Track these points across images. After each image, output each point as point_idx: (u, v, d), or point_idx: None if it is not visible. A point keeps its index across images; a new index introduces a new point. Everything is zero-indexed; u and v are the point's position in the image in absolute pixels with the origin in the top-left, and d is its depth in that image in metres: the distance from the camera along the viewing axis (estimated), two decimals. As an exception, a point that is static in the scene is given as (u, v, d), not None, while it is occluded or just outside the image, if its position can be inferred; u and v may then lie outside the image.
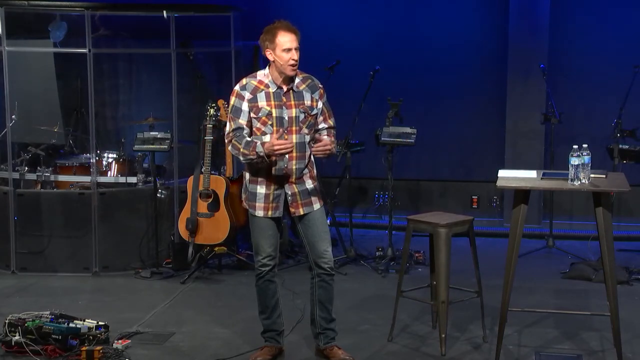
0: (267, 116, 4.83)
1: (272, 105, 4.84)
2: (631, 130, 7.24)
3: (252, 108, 4.84)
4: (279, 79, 4.88)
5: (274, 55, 4.82)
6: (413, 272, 6.92)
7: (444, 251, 5.14)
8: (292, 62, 4.81)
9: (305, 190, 4.95)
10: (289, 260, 7.37)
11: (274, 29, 4.86)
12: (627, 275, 6.63)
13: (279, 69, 4.84)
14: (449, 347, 5.17)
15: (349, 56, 8.15)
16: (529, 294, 6.14)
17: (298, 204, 4.93)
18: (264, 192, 4.88)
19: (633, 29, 8.19)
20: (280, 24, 4.90)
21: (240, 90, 4.88)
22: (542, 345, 5.26)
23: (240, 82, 4.95)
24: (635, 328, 5.48)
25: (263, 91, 4.86)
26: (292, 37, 4.84)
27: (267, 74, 4.90)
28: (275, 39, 4.82)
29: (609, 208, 4.83)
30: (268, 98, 4.85)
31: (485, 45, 8.66)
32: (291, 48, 4.81)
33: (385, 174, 7.28)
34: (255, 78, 4.92)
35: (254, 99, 4.84)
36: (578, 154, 4.76)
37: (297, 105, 4.88)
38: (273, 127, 4.82)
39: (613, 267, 4.84)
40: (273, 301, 5.07)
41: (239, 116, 4.85)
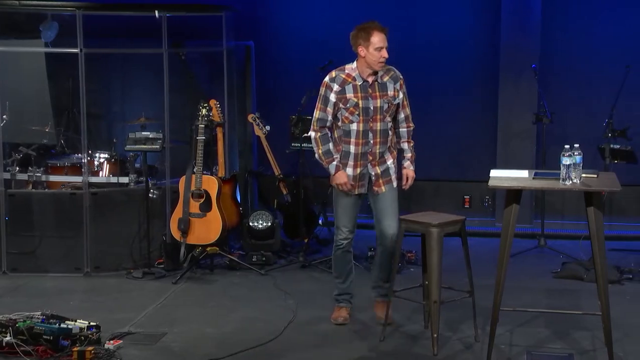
0: (355, 107, 5.38)
1: (359, 97, 5.37)
2: (622, 130, 7.26)
3: (340, 99, 5.38)
4: (365, 73, 5.40)
5: (366, 52, 5.35)
6: (405, 272, 6.92)
7: (436, 251, 5.14)
8: (382, 59, 5.35)
9: (387, 169, 5.55)
10: (281, 260, 7.36)
11: (368, 29, 5.37)
12: (619, 275, 6.65)
13: (368, 64, 5.37)
14: (441, 347, 5.17)
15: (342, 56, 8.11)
16: (521, 294, 6.15)
17: (380, 183, 5.53)
18: (352, 174, 5.46)
19: (624, 28, 8.21)
20: (374, 24, 5.40)
21: (330, 82, 5.42)
22: (533, 345, 5.26)
23: (329, 74, 5.47)
24: (627, 327, 5.49)
25: (350, 84, 5.39)
26: (383, 37, 5.36)
27: (355, 68, 5.42)
28: (369, 38, 5.34)
29: (601, 208, 4.84)
30: (355, 90, 5.37)
31: (477, 45, 8.67)
32: (382, 47, 5.34)
33: (377, 173, 7.26)
34: (344, 71, 5.44)
35: (342, 91, 5.38)
36: (569, 153, 4.77)
37: (381, 96, 5.43)
38: (360, 117, 5.38)
39: (604, 266, 4.85)
40: (348, 267, 5.70)
41: (326, 105, 5.42)
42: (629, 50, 8.08)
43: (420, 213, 5.52)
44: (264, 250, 7.29)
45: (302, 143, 7.44)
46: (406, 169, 5.66)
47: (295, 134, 7.49)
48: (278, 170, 7.72)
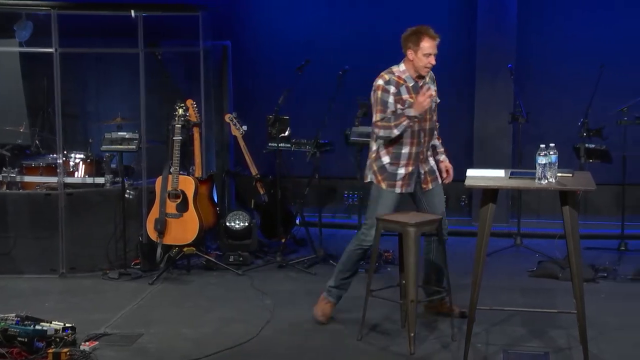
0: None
1: (413, 98, 5.43)
2: (597, 130, 7.32)
3: (398, 101, 5.42)
4: (414, 75, 5.49)
5: (414, 56, 5.43)
6: (382, 272, 6.93)
7: (413, 250, 5.16)
8: (430, 65, 5.44)
9: (432, 168, 5.66)
10: (258, 261, 7.35)
11: (420, 34, 5.42)
12: (594, 273, 6.69)
13: (415, 67, 5.46)
14: (418, 346, 5.19)
15: (319, 56, 8.14)
16: (497, 293, 6.17)
17: (428, 180, 5.62)
18: (403, 172, 5.51)
19: (599, 28, 8.28)
20: (426, 29, 5.43)
21: (386, 85, 5.45)
22: (510, 343, 5.29)
23: (381, 77, 5.50)
24: (601, 325, 5.53)
25: (403, 85, 5.46)
26: (434, 44, 5.42)
27: (404, 70, 5.50)
28: (420, 43, 5.40)
29: (576, 207, 4.88)
30: (409, 92, 5.46)
31: (453, 45, 8.69)
32: (431, 53, 5.41)
33: (354, 173, 7.28)
34: (394, 74, 5.50)
35: (398, 93, 5.44)
36: (545, 153, 4.80)
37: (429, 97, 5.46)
38: (423, 117, 5.46)
39: (580, 265, 4.89)
40: (356, 267, 5.71)
41: (386, 107, 5.43)
42: (604, 51, 8.15)
43: (398, 213, 5.53)
44: (241, 251, 7.27)
45: (279, 143, 7.44)
46: (444, 162, 5.76)
47: (272, 134, 7.48)
48: (255, 170, 7.70)
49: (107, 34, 7.86)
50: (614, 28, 8.28)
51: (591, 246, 7.48)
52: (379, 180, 5.57)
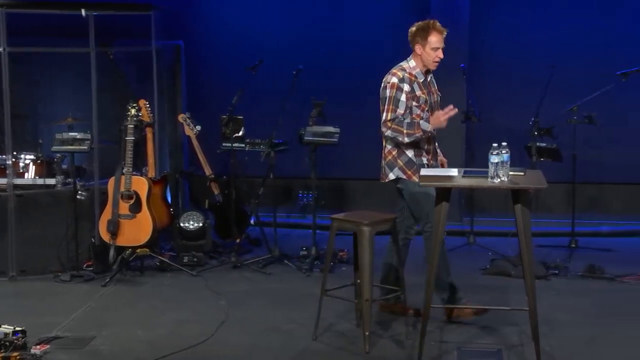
0: (425, 103, 5.51)
1: (425, 93, 5.52)
2: (548, 129, 7.42)
3: (412, 98, 5.45)
4: (423, 69, 5.54)
5: (423, 51, 5.47)
6: (337, 271, 6.94)
7: (367, 250, 5.17)
8: (438, 59, 5.48)
9: (437, 165, 5.68)
10: (213, 261, 7.32)
11: (428, 28, 5.45)
12: (545, 271, 6.78)
13: (423, 62, 5.50)
14: (373, 345, 5.20)
15: (272, 56, 8.14)
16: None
17: None
18: (427, 163, 5.55)
19: (551, 29, 8.39)
20: (434, 24, 5.46)
21: (400, 83, 5.45)
22: (463, 341, 5.33)
23: (395, 75, 5.50)
24: (553, 322, 5.60)
25: (415, 82, 5.49)
26: (441, 38, 5.45)
27: (415, 66, 5.53)
28: (428, 37, 5.44)
29: (528, 205, 4.93)
30: (421, 87, 5.51)
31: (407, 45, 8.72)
32: (439, 47, 5.45)
33: (309, 173, 7.29)
34: (405, 71, 5.51)
35: (413, 90, 5.47)
36: (497, 152, 4.84)
37: (435, 92, 5.64)
38: (429, 112, 5.52)
39: (531, 262, 4.94)
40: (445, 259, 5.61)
41: (398, 106, 5.44)
42: (555, 51, 8.26)
43: (352, 212, 5.55)
44: (195, 251, 7.23)
45: (233, 143, 7.41)
46: (440, 156, 5.81)
47: (226, 134, 7.45)
48: (209, 170, 7.66)
49: (57, 33, 7.75)
50: (565, 28, 8.40)
51: (543, 244, 7.58)
52: (410, 175, 5.54)
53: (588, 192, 8.41)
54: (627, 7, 8.34)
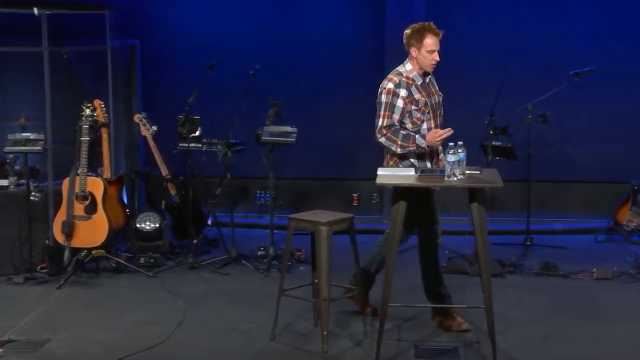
0: (425, 105, 5.39)
1: (424, 96, 5.40)
2: (503, 128, 7.49)
3: (411, 102, 5.35)
4: (420, 72, 5.42)
5: (418, 54, 5.37)
6: (295, 271, 6.93)
7: (325, 249, 5.17)
8: (434, 62, 5.38)
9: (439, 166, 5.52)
10: (170, 262, 7.26)
11: (423, 30, 5.35)
12: (501, 268, 6.85)
13: (420, 65, 5.39)
14: (331, 344, 5.21)
15: (229, 55, 8.10)
16: (408, 290, 6.24)
17: None
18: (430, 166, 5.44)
19: (505, 28, 8.46)
20: (429, 26, 5.37)
21: (396, 88, 5.34)
22: (420, 339, 5.37)
23: (391, 80, 5.38)
24: (509, 319, 5.66)
25: (413, 85, 5.38)
26: (437, 40, 5.36)
27: (411, 69, 5.42)
28: (423, 40, 5.34)
29: (484, 203, 4.97)
30: (419, 90, 5.39)
31: (364, 45, 8.77)
32: (435, 50, 5.35)
33: (266, 173, 7.27)
34: (402, 75, 5.40)
35: (410, 94, 5.35)
36: (454, 151, 4.88)
37: (435, 93, 5.52)
38: (430, 114, 5.40)
39: (487, 260, 4.99)
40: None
41: (393, 112, 5.34)
42: (509, 51, 8.33)
43: (310, 212, 5.54)
44: (152, 252, 7.17)
45: (190, 143, 7.36)
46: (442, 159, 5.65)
47: (183, 134, 7.40)
48: (166, 170, 7.61)
49: (10, 32, 7.63)
50: (520, 28, 8.47)
51: (498, 242, 7.65)
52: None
53: (542, 190, 8.51)
54: (580, 8, 8.44)
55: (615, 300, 6.20)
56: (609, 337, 5.41)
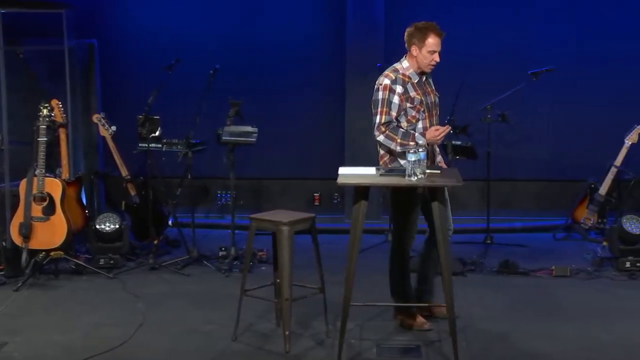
0: (420, 104, 5.35)
1: (420, 94, 5.36)
2: (463, 127, 7.54)
3: (406, 99, 5.30)
4: (417, 70, 5.37)
5: (419, 53, 5.31)
6: (256, 271, 6.92)
7: (286, 249, 5.16)
8: (434, 63, 5.33)
9: (437, 166, 5.49)
10: (130, 263, 7.20)
11: (426, 30, 5.30)
12: (462, 267, 6.90)
13: (419, 64, 5.35)
14: (293, 344, 5.20)
15: (189, 55, 8.05)
16: (370, 288, 6.25)
17: None
18: None
19: (463, 29, 8.51)
20: (432, 26, 5.33)
21: (392, 85, 5.30)
22: (383, 338, 5.38)
23: (387, 76, 5.34)
24: (470, 318, 5.70)
25: (409, 82, 5.34)
26: (439, 41, 5.31)
27: (408, 67, 5.38)
28: (425, 39, 5.29)
29: (444, 202, 5.00)
30: (415, 88, 5.35)
31: (324, 45, 8.78)
32: (436, 51, 5.30)
33: (227, 173, 7.25)
34: (398, 72, 5.36)
35: (406, 91, 5.31)
36: (415, 150, 4.90)
37: (432, 92, 5.48)
38: (425, 113, 5.36)
39: (448, 259, 5.02)
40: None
41: (391, 109, 5.30)
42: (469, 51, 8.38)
43: (271, 212, 5.53)
44: (112, 253, 7.11)
45: (150, 143, 7.31)
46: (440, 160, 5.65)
47: (142, 134, 7.34)
48: (125, 171, 7.55)
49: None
50: (479, 28, 8.54)
51: (459, 240, 7.69)
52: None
53: (502, 189, 8.59)
54: (539, 7, 8.52)
55: (574, 298, 6.28)
56: (567, 334, 5.48)
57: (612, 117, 8.35)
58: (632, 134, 7.59)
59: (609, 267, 6.95)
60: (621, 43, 8.46)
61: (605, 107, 8.51)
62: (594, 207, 7.90)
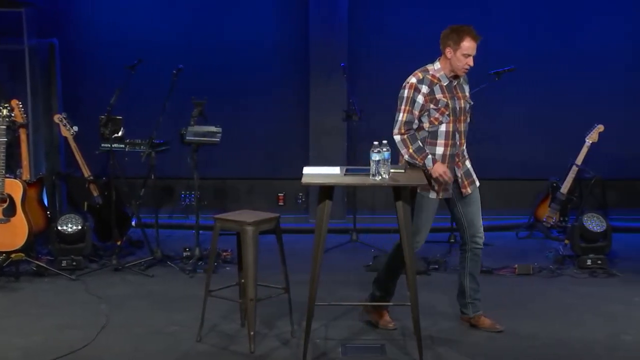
0: (445, 107, 5.27)
1: (447, 97, 5.28)
2: (427, 127, 7.56)
3: (430, 100, 5.25)
4: (449, 74, 5.30)
5: (453, 55, 5.24)
6: (221, 271, 6.89)
7: (251, 249, 5.15)
8: (467, 66, 5.25)
9: (468, 170, 5.46)
10: (93, 265, 7.14)
11: (462, 32, 5.22)
12: (426, 266, 6.94)
13: (452, 67, 5.27)
14: (258, 344, 5.19)
15: (152, 55, 8.00)
16: (335, 288, 6.28)
17: (466, 184, 5.41)
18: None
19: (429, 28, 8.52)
20: (468, 29, 5.25)
21: (418, 84, 5.27)
22: (348, 337, 5.39)
23: (415, 75, 5.31)
24: (434, 316, 5.74)
25: (437, 84, 5.28)
26: (474, 45, 5.23)
27: (439, 69, 5.31)
28: (460, 42, 5.21)
29: (408, 201, 5.02)
30: (443, 91, 5.28)
31: (288, 45, 8.77)
32: (471, 55, 5.22)
33: (191, 173, 7.21)
34: (428, 72, 5.31)
35: (432, 92, 5.26)
36: (379, 150, 4.92)
37: (463, 97, 5.38)
38: (450, 117, 5.28)
39: (413, 258, 5.05)
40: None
41: (413, 107, 5.26)
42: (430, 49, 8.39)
43: (235, 212, 5.51)
44: (74, 255, 7.04)
45: (113, 143, 7.25)
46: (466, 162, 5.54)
47: (105, 135, 7.27)
48: (88, 171, 7.48)
49: None
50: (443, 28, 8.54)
51: (423, 239, 7.73)
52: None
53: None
54: (501, 7, 8.58)
55: (536, 296, 6.34)
56: (530, 331, 5.53)
57: (573, 117, 8.44)
58: (592, 133, 7.68)
59: (571, 265, 7.04)
60: (583, 43, 8.58)
61: (567, 107, 8.61)
62: (555, 205, 7.98)
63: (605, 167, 8.23)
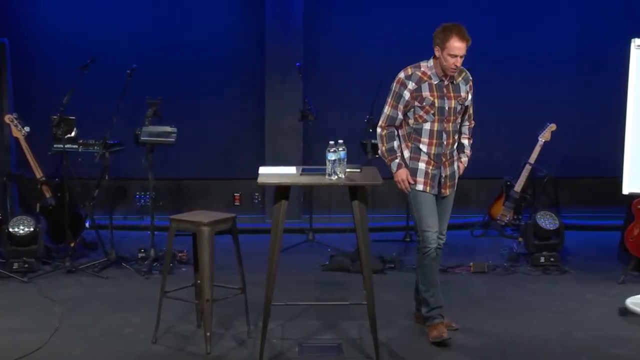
0: (431, 106, 5.24)
1: (435, 96, 5.24)
2: (382, 127, 7.59)
3: (416, 97, 5.23)
4: (441, 72, 5.25)
5: (440, 54, 5.19)
6: (177, 272, 6.84)
7: (207, 250, 5.13)
8: (454, 67, 5.18)
9: (454, 172, 5.44)
10: (46, 267, 7.04)
11: (449, 32, 5.16)
12: (382, 265, 6.96)
13: (441, 65, 5.22)
14: (214, 345, 5.17)
15: (105, 54, 7.92)
16: (292, 288, 6.27)
17: (447, 185, 5.40)
18: (424, 169, 5.31)
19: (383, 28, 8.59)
20: (457, 28, 5.17)
21: (405, 79, 5.26)
22: (304, 337, 5.39)
23: (404, 70, 5.29)
24: (390, 314, 5.76)
25: (426, 82, 5.25)
26: (462, 46, 5.15)
27: (431, 67, 5.27)
28: (447, 42, 5.14)
29: (365, 201, 5.04)
30: (431, 89, 5.24)
31: (243, 44, 8.74)
32: (457, 55, 5.15)
33: (145, 174, 7.15)
34: (419, 69, 5.27)
35: (418, 89, 5.24)
36: (334, 149, 4.93)
37: (455, 97, 5.30)
38: (435, 116, 5.25)
39: (368, 257, 5.06)
40: (436, 277, 5.45)
41: (398, 102, 5.27)
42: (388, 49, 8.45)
43: (191, 212, 5.48)
44: (26, 257, 6.93)
45: (66, 144, 7.15)
46: (462, 164, 5.52)
47: (57, 135, 7.18)
48: (40, 172, 7.37)
49: None
50: (401, 26, 8.59)
51: (379, 238, 7.77)
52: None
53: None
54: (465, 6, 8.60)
55: (491, 293, 6.41)
56: (485, 329, 5.59)
57: (527, 116, 8.53)
58: (545, 132, 7.78)
59: (525, 263, 7.12)
60: (535, 42, 8.67)
61: (520, 106, 8.70)
62: (509, 204, 8.07)
63: (558, 166, 8.34)
